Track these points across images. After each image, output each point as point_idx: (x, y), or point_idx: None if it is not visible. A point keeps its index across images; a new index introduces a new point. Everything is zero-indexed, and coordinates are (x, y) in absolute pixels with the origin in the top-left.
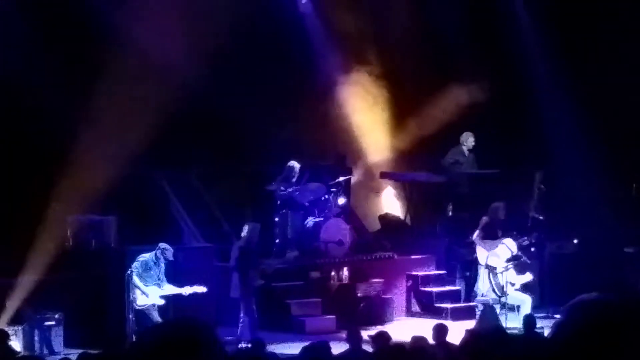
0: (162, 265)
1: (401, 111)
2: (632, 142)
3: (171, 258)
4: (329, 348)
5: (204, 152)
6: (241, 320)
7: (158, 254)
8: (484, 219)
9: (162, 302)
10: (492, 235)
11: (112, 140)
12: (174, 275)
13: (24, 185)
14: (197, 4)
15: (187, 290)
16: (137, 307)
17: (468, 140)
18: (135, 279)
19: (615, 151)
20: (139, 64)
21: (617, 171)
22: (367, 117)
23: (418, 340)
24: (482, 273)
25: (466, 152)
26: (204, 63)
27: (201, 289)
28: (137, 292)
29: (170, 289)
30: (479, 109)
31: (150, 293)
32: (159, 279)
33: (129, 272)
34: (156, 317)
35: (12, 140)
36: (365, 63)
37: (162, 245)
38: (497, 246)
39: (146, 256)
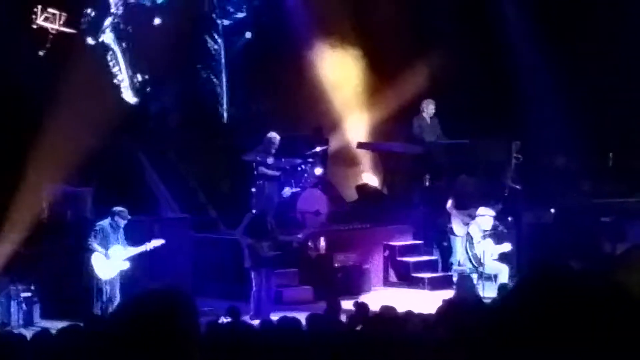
0: (121, 229)
1: (378, 81)
2: (608, 111)
3: (127, 218)
4: (300, 321)
5: (180, 123)
6: (253, 293)
7: (115, 218)
8: (455, 190)
9: (127, 265)
10: (461, 206)
11: (88, 112)
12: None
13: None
14: None
15: (148, 246)
16: (103, 280)
17: (429, 108)
18: (97, 247)
19: (592, 120)
20: None
21: (594, 140)
22: (343, 87)
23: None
24: (457, 243)
25: (428, 119)
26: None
27: (160, 241)
28: (96, 266)
29: (133, 250)
30: (456, 78)
31: (112, 262)
32: (119, 243)
33: (88, 241)
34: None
35: None
36: (341, 33)
37: (117, 208)
38: (473, 217)
39: (102, 223)
